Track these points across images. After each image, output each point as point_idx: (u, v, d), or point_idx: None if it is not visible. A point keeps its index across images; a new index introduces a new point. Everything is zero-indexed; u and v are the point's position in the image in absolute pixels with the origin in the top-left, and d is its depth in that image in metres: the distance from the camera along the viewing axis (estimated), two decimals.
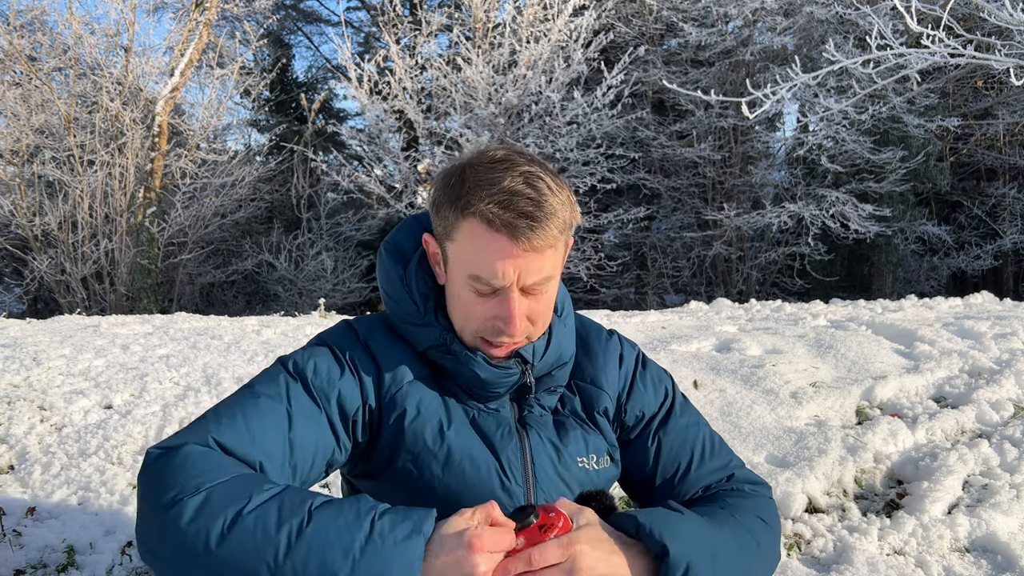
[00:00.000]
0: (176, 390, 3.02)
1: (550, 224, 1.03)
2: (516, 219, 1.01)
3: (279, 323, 4.86)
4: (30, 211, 10.89)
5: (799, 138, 13.16)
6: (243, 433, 1.01)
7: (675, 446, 1.27)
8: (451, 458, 1.13)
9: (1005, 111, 13.57)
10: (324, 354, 1.15)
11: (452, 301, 1.14)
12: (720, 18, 12.78)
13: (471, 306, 1.10)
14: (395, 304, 1.19)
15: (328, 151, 14.82)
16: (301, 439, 1.05)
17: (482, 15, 11.53)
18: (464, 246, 1.06)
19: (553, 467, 1.18)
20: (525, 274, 1.06)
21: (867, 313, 5.15)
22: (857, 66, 5.89)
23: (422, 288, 1.16)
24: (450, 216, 1.07)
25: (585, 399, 1.26)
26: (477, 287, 1.08)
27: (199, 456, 0.94)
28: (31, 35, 11.17)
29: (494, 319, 1.09)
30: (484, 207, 1.02)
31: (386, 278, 1.20)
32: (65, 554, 2.06)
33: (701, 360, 3.53)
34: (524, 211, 1.02)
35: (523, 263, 1.05)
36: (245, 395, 1.07)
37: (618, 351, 1.32)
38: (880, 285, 13.37)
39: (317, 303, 10.05)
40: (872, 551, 2.10)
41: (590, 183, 11.52)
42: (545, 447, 1.19)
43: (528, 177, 1.03)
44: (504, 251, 1.03)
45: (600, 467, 1.22)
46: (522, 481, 1.15)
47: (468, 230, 1.05)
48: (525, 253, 1.04)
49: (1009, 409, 2.97)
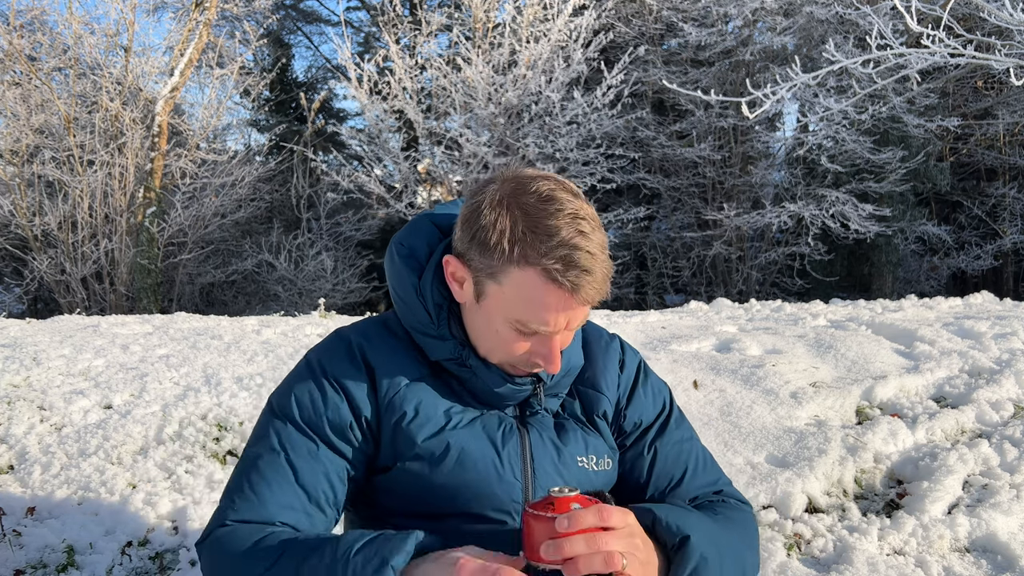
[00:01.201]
0: (176, 390, 3.02)
1: (603, 274, 1.04)
2: (578, 277, 1.01)
3: (279, 323, 4.86)
4: (30, 211, 10.88)
5: (799, 138, 13.16)
6: (254, 502, 1.09)
7: (670, 458, 1.29)
8: (452, 456, 1.14)
9: (1005, 111, 13.56)
10: (303, 384, 1.17)
11: (483, 331, 1.13)
12: (720, 18, 12.78)
13: (509, 343, 1.10)
14: (407, 310, 1.18)
15: (328, 151, 14.82)
16: (310, 481, 1.11)
17: (482, 15, 11.53)
18: (514, 292, 1.05)
19: (553, 465, 1.18)
20: (573, 320, 1.07)
21: (867, 313, 5.15)
22: (857, 66, 5.88)
23: (437, 299, 1.15)
24: (498, 259, 1.04)
25: (585, 402, 1.27)
26: (520, 329, 1.08)
27: (225, 538, 1.06)
28: (31, 35, 11.17)
29: (531, 355, 1.10)
30: (546, 263, 1.00)
31: (399, 283, 1.18)
32: (65, 554, 2.06)
33: (701, 360, 3.53)
34: (584, 267, 1.01)
35: (574, 313, 1.06)
36: (247, 463, 1.14)
37: (618, 356, 1.33)
38: (880, 285, 13.36)
39: (317, 303, 10.04)
40: (872, 551, 2.10)
41: (590, 183, 11.51)
42: (545, 445, 1.19)
43: (579, 224, 1.02)
44: (560, 304, 1.04)
45: (599, 468, 1.23)
46: (520, 476, 1.15)
47: (522, 279, 1.03)
48: (579, 304, 1.04)
49: (1009, 409, 2.97)
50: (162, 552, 2.13)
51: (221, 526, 1.08)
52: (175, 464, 2.50)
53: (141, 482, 2.41)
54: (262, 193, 14.14)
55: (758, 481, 2.40)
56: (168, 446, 2.60)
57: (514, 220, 1.03)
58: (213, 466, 2.52)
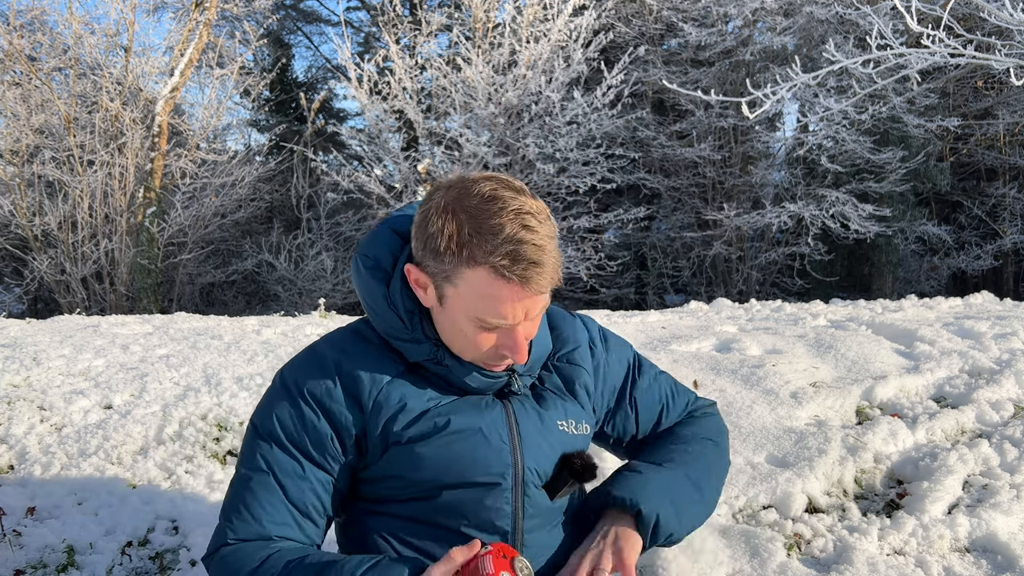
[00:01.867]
0: (176, 390, 3.02)
1: (553, 263, 1.08)
2: (526, 270, 1.05)
3: (279, 323, 4.86)
4: (30, 211, 10.88)
5: (799, 138, 13.16)
6: (250, 522, 1.18)
7: (648, 403, 1.43)
8: (440, 430, 1.18)
9: (1005, 111, 13.56)
10: (283, 404, 1.21)
11: (450, 332, 1.17)
12: (720, 18, 12.78)
13: (476, 340, 1.14)
14: (380, 319, 1.22)
15: (328, 151, 14.82)
16: (298, 497, 1.19)
17: (482, 15, 11.53)
18: (469, 292, 1.09)
19: (536, 428, 1.24)
20: (531, 310, 1.11)
21: (867, 313, 5.15)
22: (857, 66, 5.88)
23: (408, 305, 1.18)
24: (449, 263, 1.08)
25: (563, 375, 1.34)
26: (482, 325, 1.12)
27: (230, 557, 1.17)
28: (31, 35, 11.17)
29: (499, 348, 1.15)
30: (493, 260, 1.05)
31: (369, 294, 1.22)
32: (65, 554, 2.06)
33: (701, 360, 3.53)
34: (532, 259, 1.05)
35: (530, 303, 1.10)
36: (240, 484, 1.22)
37: (584, 331, 1.42)
38: (880, 285, 13.36)
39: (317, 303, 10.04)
40: (872, 551, 2.10)
41: (590, 183, 11.51)
42: (527, 412, 1.25)
43: (523, 219, 1.06)
44: (514, 297, 1.08)
45: (578, 432, 1.31)
46: (508, 440, 1.21)
47: (474, 279, 1.07)
48: (533, 295, 1.08)
49: (1009, 409, 2.96)
50: (162, 552, 2.13)
51: (224, 545, 1.18)
52: (175, 464, 2.50)
53: (141, 482, 2.41)
54: (262, 193, 14.15)
55: (758, 481, 2.40)
56: (168, 446, 2.60)
57: (459, 224, 1.07)
58: (213, 466, 2.52)
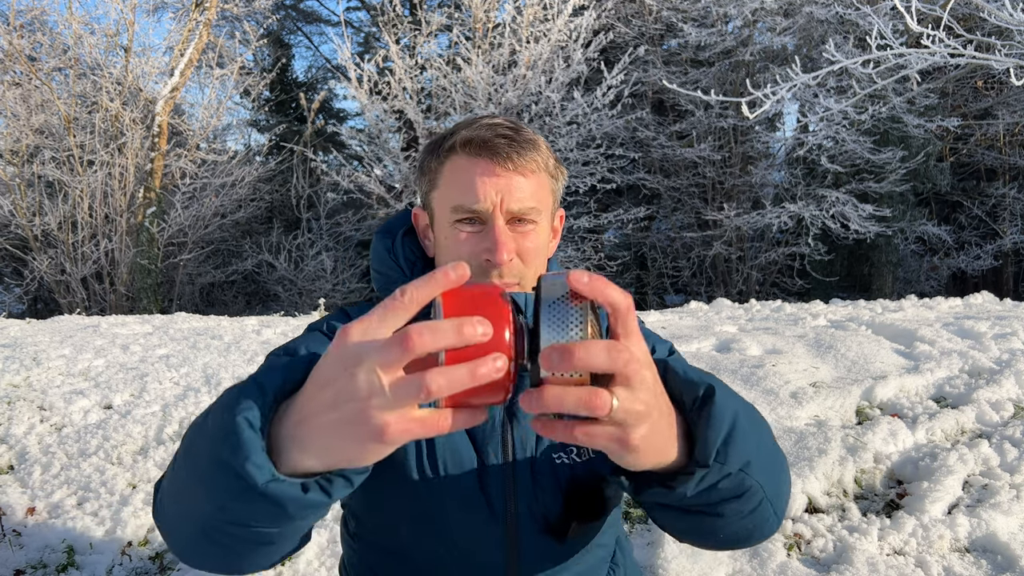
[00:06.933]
0: (176, 390, 3.02)
1: (530, 147, 1.05)
2: (495, 139, 1.03)
3: (279, 323, 4.85)
4: (30, 211, 10.88)
5: (799, 138, 13.16)
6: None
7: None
8: None
9: (1005, 111, 13.57)
10: (316, 339, 1.15)
11: (440, 245, 1.12)
12: (720, 18, 12.78)
13: (457, 245, 1.07)
14: (382, 277, 1.22)
15: (328, 151, 14.82)
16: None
17: (482, 15, 11.53)
18: (447, 182, 1.08)
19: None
20: (508, 198, 1.04)
21: (867, 313, 5.15)
22: (857, 66, 5.88)
23: (409, 255, 1.20)
24: (433, 166, 1.10)
25: None
26: (460, 218, 1.06)
27: None
28: (31, 35, 11.17)
29: (481, 253, 1.05)
30: (463, 136, 1.04)
31: (375, 256, 1.24)
32: (65, 554, 2.06)
33: (701, 360, 3.53)
34: (503, 134, 1.04)
35: (504, 183, 1.04)
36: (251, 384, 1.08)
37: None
38: (880, 285, 13.37)
39: (317, 303, 10.04)
40: (872, 551, 2.10)
41: (590, 183, 11.51)
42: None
43: (492, 118, 1.08)
44: (485, 170, 1.04)
45: None
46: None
47: (450, 166, 1.07)
48: (507, 173, 1.04)
49: (1009, 409, 2.97)
50: (162, 552, 2.13)
51: None
52: None
53: (141, 482, 2.41)
54: (262, 193, 14.15)
55: None
56: (168, 446, 2.60)
57: (437, 139, 1.11)
58: None
